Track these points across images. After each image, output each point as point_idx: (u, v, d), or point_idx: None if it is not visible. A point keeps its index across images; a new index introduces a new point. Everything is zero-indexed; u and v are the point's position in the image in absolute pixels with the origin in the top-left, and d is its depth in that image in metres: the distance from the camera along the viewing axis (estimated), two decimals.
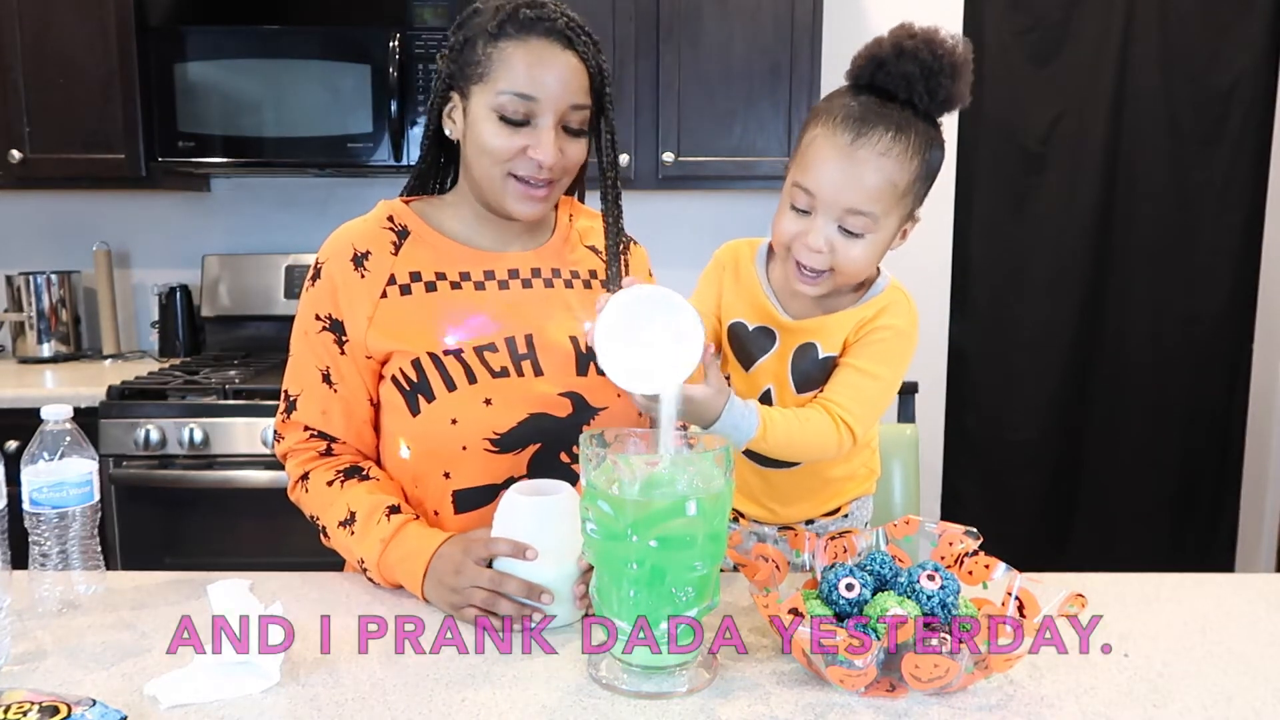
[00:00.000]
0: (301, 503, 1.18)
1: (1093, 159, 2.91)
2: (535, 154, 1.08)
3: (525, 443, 1.11)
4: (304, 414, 1.16)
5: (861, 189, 0.98)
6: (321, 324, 1.14)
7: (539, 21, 1.07)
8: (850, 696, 0.83)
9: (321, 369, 1.14)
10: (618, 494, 0.82)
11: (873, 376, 1.06)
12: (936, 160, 1.01)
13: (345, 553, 1.13)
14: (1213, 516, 3.11)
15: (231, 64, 2.39)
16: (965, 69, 0.98)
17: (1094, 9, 2.84)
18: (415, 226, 1.17)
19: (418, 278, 1.14)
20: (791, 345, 1.09)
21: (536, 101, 1.07)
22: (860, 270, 1.04)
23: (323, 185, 2.80)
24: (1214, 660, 0.91)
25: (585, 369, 1.15)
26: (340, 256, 1.14)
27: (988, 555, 0.95)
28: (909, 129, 0.98)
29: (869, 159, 0.97)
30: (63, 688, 0.84)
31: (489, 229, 1.19)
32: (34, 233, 2.82)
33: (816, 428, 1.05)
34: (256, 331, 2.76)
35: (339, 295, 1.13)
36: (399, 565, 1.05)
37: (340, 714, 0.80)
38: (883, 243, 1.03)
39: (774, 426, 1.02)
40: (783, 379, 1.08)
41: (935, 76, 0.97)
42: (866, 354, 1.06)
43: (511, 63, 1.07)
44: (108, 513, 2.19)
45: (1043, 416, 3.05)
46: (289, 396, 1.17)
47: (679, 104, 2.46)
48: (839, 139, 0.98)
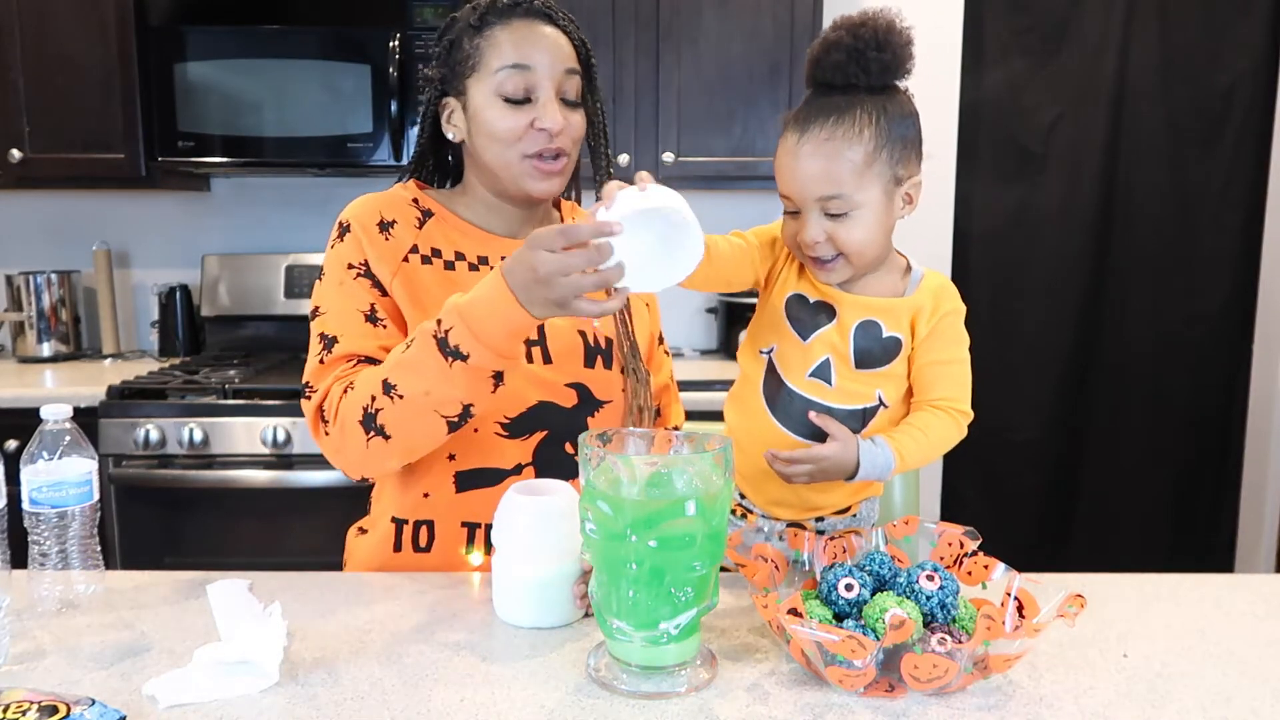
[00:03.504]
0: (348, 411, 1.05)
1: (1093, 159, 2.91)
2: (542, 123, 1.11)
3: (533, 429, 1.13)
4: (349, 346, 1.10)
5: (821, 177, 1.03)
6: (356, 270, 1.14)
7: (517, 6, 1.13)
8: (849, 696, 0.83)
9: (364, 310, 1.12)
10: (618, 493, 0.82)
11: (959, 361, 1.13)
12: (897, 123, 1.04)
13: (416, 375, 1.01)
14: (1213, 517, 3.11)
15: (231, 64, 2.39)
16: (893, 37, 1.03)
17: (1094, 9, 2.84)
18: (437, 210, 1.20)
19: (438, 254, 1.16)
20: (852, 320, 1.10)
21: (532, 71, 1.11)
22: (866, 247, 1.06)
23: (323, 185, 2.80)
24: (1213, 660, 0.91)
25: (592, 362, 1.16)
26: (369, 218, 1.15)
27: (987, 555, 0.95)
28: (852, 107, 1.03)
29: (816, 149, 1.03)
30: (62, 687, 0.84)
31: (502, 220, 1.22)
32: (34, 233, 2.83)
33: (940, 430, 1.11)
34: (256, 331, 2.76)
35: (367, 248, 1.14)
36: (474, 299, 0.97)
37: (340, 714, 0.80)
38: (875, 216, 1.05)
39: (907, 451, 1.07)
40: (843, 352, 1.09)
41: (862, 54, 1.02)
42: (942, 344, 1.12)
43: (500, 44, 1.12)
44: (107, 513, 2.19)
45: (1043, 416, 3.05)
46: (327, 337, 1.11)
47: (679, 104, 2.47)
48: (789, 142, 1.05)
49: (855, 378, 1.09)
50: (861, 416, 1.10)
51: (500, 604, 1.00)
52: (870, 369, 1.10)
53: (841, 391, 1.09)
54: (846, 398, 1.09)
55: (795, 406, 1.10)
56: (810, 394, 1.09)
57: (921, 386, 1.12)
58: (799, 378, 1.10)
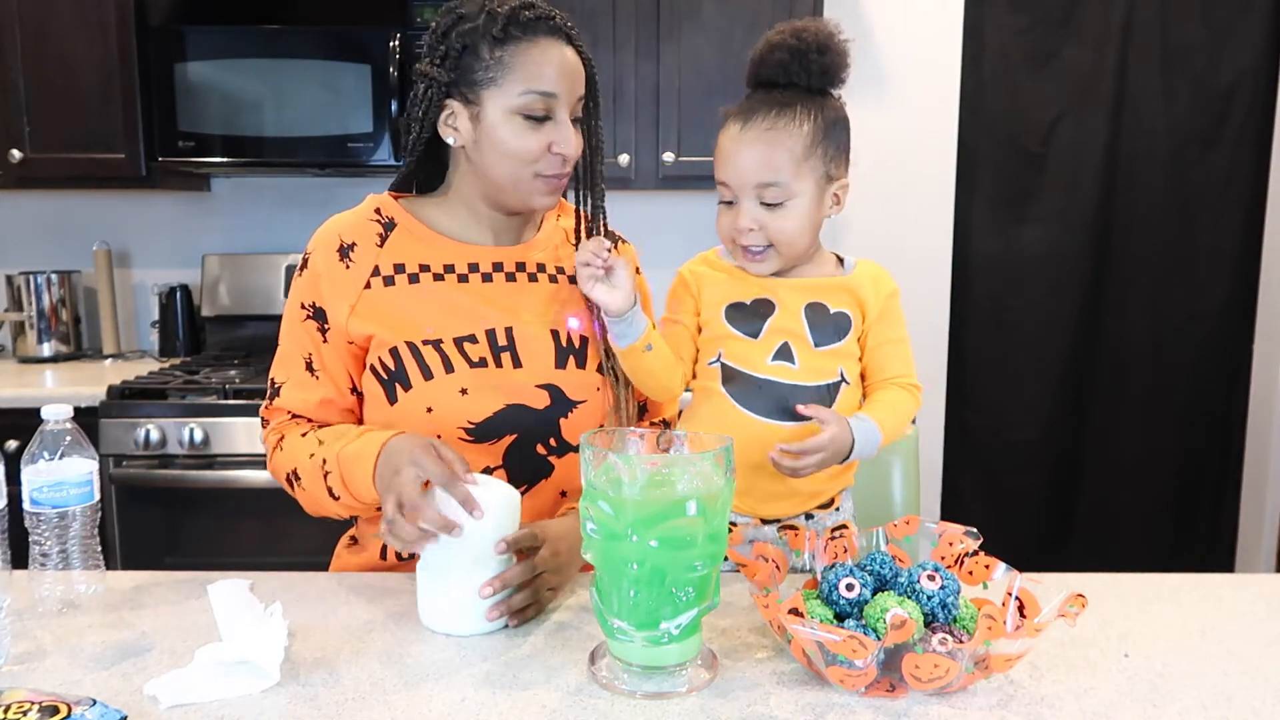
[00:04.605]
0: (278, 466, 1.17)
1: (1093, 159, 2.91)
2: (560, 149, 1.12)
3: (501, 433, 1.13)
4: (286, 400, 1.18)
5: (761, 164, 1.10)
6: (306, 312, 1.16)
7: (541, 21, 1.11)
8: (850, 696, 0.83)
9: (305, 357, 1.17)
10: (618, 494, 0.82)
11: (904, 339, 1.20)
12: (831, 124, 1.12)
13: (313, 481, 1.11)
14: (1213, 516, 3.11)
15: (231, 64, 2.39)
16: (832, 43, 1.11)
17: (1094, 9, 2.84)
18: (402, 219, 1.19)
19: (401, 269, 1.16)
20: (798, 304, 1.15)
21: (555, 98, 1.11)
22: (796, 238, 1.12)
23: (323, 185, 2.80)
24: (1214, 660, 0.91)
25: (564, 362, 1.16)
26: (327, 247, 1.16)
27: (988, 555, 0.95)
28: (793, 103, 1.11)
29: (758, 137, 1.10)
30: (63, 687, 0.84)
31: (482, 226, 1.21)
32: (34, 233, 2.82)
33: (905, 404, 1.17)
34: (256, 331, 2.76)
35: (322, 283, 1.15)
36: (357, 453, 1.05)
37: (340, 714, 0.80)
38: (806, 208, 1.11)
39: (885, 424, 1.13)
40: (799, 334, 1.14)
41: (804, 55, 1.10)
42: (890, 324, 1.18)
43: (527, 63, 1.10)
44: (108, 513, 2.19)
45: (1043, 416, 3.05)
46: (275, 384, 1.20)
47: (679, 104, 2.46)
48: (731, 131, 1.12)
49: (817, 355, 1.14)
50: (829, 392, 1.14)
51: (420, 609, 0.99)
52: (827, 346, 1.15)
53: (807, 369, 1.14)
54: (813, 374, 1.14)
55: (764, 392, 1.13)
56: (776, 376, 1.13)
57: (876, 366, 1.18)
58: (760, 365, 1.14)
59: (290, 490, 1.17)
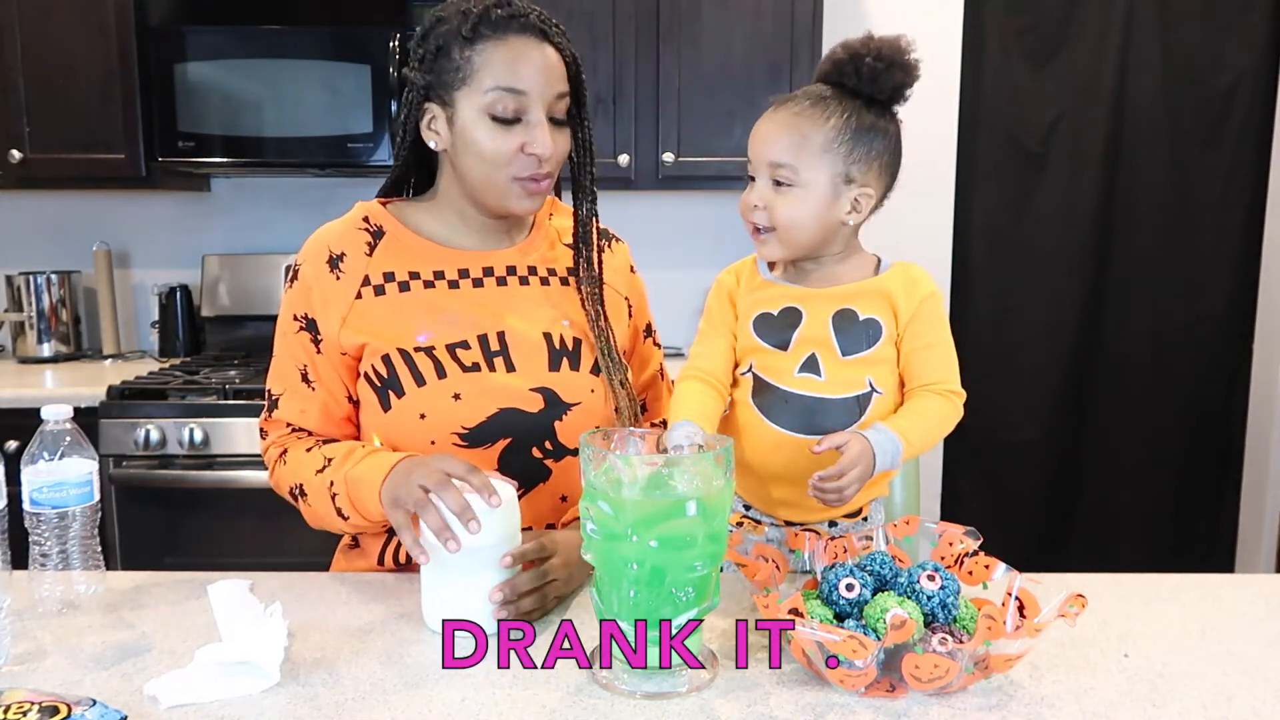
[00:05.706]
0: (281, 479, 1.18)
1: (1093, 159, 2.91)
2: (532, 149, 1.10)
3: (495, 437, 1.13)
4: (285, 412, 1.18)
5: (778, 143, 1.09)
6: (299, 324, 1.16)
7: (513, 19, 1.09)
8: (850, 696, 0.83)
9: (300, 368, 1.16)
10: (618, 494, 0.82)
11: (943, 344, 1.15)
12: (866, 129, 1.09)
13: (320, 500, 1.11)
14: (1213, 516, 3.11)
15: (231, 64, 2.39)
16: (895, 55, 1.09)
17: (1094, 9, 2.84)
18: (390, 227, 1.18)
19: (391, 278, 1.16)
20: (826, 312, 1.12)
21: (525, 95, 1.09)
22: (796, 226, 1.10)
23: (323, 185, 2.80)
24: (1214, 660, 0.91)
25: (558, 365, 1.16)
26: (316, 258, 1.16)
27: (988, 555, 0.95)
28: (831, 99, 1.10)
29: (785, 117, 1.10)
30: (63, 688, 0.84)
31: (471, 229, 1.20)
32: (34, 233, 2.82)
33: (938, 411, 1.12)
34: (256, 331, 2.76)
35: (313, 295, 1.15)
36: (364, 474, 1.05)
37: (340, 714, 0.80)
38: (814, 200, 1.09)
39: (909, 434, 1.08)
40: (826, 343, 1.12)
41: (860, 58, 1.09)
42: (926, 328, 1.14)
43: (493, 61, 1.08)
44: (108, 513, 2.19)
45: (1043, 416, 3.05)
46: (271, 396, 1.20)
47: (679, 104, 2.46)
48: (768, 111, 1.13)
49: (844, 365, 1.11)
50: (856, 405, 1.11)
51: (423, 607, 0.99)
52: (856, 354, 1.12)
53: (833, 381, 1.11)
54: (839, 387, 1.11)
55: (790, 405, 1.11)
56: (803, 390, 1.11)
57: (912, 373, 1.14)
58: (788, 378, 1.11)
59: (294, 504, 1.17)
